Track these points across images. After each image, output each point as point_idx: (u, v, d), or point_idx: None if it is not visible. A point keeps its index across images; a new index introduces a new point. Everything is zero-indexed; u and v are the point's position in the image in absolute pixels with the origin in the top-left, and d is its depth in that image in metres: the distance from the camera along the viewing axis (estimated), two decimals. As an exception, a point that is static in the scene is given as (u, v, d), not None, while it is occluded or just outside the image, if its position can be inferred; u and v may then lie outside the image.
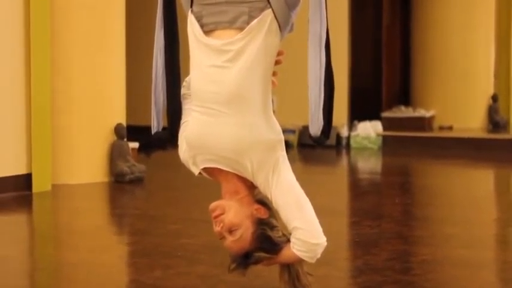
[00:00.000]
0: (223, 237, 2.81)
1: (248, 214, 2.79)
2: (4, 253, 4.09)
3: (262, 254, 2.81)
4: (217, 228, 2.79)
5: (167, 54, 2.89)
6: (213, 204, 2.82)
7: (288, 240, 2.80)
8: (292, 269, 2.85)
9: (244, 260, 2.84)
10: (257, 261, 2.86)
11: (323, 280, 3.26)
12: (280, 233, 2.82)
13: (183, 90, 2.96)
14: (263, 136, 2.74)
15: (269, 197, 2.79)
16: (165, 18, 2.90)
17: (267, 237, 2.79)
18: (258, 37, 2.72)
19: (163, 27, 2.90)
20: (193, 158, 2.85)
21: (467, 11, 11.39)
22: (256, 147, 2.73)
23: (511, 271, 3.73)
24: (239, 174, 2.79)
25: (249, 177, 2.78)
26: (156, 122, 2.99)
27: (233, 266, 2.87)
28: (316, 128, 2.75)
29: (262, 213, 2.81)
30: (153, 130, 2.99)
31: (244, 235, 2.78)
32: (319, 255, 2.79)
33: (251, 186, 2.83)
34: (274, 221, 2.84)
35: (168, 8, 2.90)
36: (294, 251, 2.76)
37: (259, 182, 2.76)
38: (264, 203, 2.86)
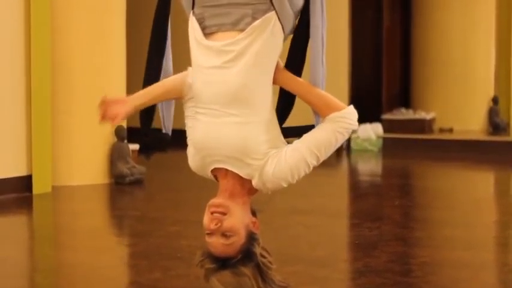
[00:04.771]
0: (211, 234, 2.77)
1: (246, 224, 2.77)
2: (4, 254, 4.09)
3: (246, 271, 2.78)
4: (212, 225, 2.76)
5: (150, 54, 2.97)
6: (219, 201, 2.77)
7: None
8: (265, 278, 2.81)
9: (222, 264, 2.80)
10: (236, 274, 2.82)
11: (323, 282, 3.26)
12: (259, 251, 2.80)
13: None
14: (266, 136, 2.74)
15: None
16: (156, 17, 2.95)
17: (251, 253, 2.77)
18: (261, 38, 2.71)
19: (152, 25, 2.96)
20: (202, 160, 2.83)
21: (467, 13, 11.39)
22: (261, 146, 2.73)
23: (511, 273, 3.73)
24: (245, 176, 2.76)
25: (256, 176, 2.75)
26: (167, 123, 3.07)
27: (209, 266, 2.82)
28: None
29: (256, 228, 2.81)
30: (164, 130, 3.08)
31: (235, 243, 2.75)
32: (354, 123, 2.77)
33: (250, 191, 2.81)
34: (259, 237, 2.83)
35: (162, 8, 2.93)
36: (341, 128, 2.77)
37: (270, 173, 2.74)
38: (255, 215, 2.86)
